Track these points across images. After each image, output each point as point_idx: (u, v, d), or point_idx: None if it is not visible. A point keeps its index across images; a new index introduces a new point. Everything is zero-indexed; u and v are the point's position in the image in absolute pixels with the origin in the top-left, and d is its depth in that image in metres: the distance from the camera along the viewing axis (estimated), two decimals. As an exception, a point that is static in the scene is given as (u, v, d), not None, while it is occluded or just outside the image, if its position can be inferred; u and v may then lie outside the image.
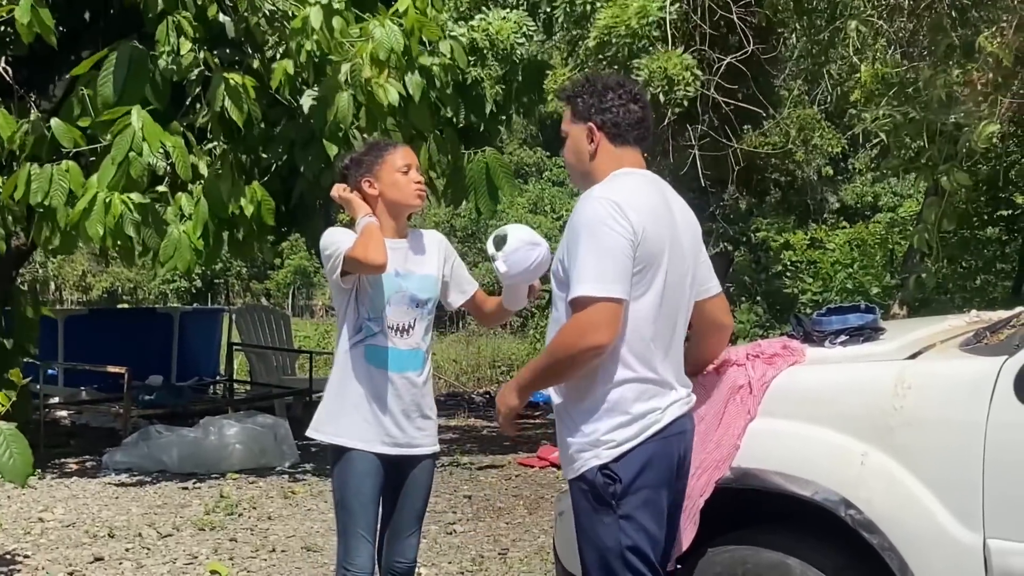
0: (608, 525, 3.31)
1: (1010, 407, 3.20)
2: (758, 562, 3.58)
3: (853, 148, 21.13)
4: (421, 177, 4.14)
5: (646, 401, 3.32)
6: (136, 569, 6.54)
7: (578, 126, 3.53)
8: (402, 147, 4.18)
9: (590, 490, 3.33)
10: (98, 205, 7.77)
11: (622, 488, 3.29)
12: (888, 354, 3.71)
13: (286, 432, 10.12)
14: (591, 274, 3.22)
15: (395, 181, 4.08)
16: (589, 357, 3.23)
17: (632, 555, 3.30)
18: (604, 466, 3.30)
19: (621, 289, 3.22)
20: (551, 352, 3.32)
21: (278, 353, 13.86)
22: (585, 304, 3.21)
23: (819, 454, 3.51)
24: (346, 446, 4.04)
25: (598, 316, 3.19)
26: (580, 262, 3.25)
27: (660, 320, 3.37)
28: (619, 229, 3.24)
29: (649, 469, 3.30)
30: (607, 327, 3.20)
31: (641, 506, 3.31)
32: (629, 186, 3.38)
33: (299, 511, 8.10)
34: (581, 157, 3.54)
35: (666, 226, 3.40)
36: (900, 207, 17.88)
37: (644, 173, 3.49)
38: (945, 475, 3.30)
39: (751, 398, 3.66)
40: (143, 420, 10.89)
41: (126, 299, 39.84)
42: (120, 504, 8.32)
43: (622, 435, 3.30)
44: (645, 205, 3.35)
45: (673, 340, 3.46)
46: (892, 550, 3.33)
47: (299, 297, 40.28)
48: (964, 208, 10.47)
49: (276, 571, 6.51)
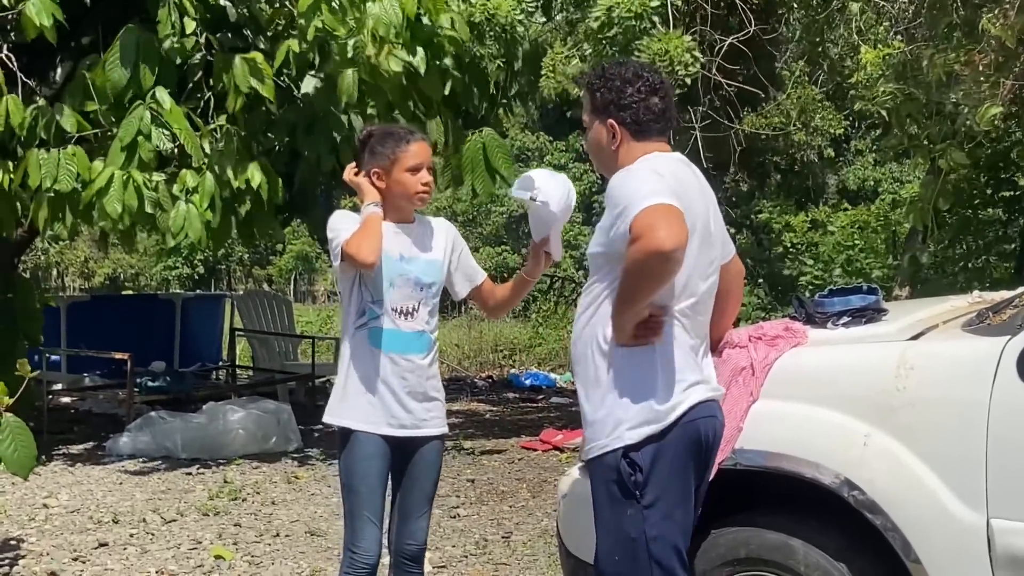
0: (632, 516, 3.28)
1: (1013, 387, 3.20)
2: (761, 543, 3.59)
3: (856, 129, 21.15)
4: (429, 178, 4.13)
5: (670, 385, 3.29)
6: (140, 554, 6.56)
7: (598, 121, 3.51)
8: (416, 143, 4.12)
9: (613, 478, 3.29)
10: (116, 183, 7.80)
11: (644, 476, 3.26)
12: (890, 335, 3.71)
13: (289, 417, 10.13)
14: (638, 197, 3.14)
15: (402, 180, 4.08)
16: (658, 264, 3.09)
17: (658, 546, 3.27)
18: (627, 451, 3.27)
19: (673, 200, 3.12)
20: (625, 272, 3.21)
21: (280, 338, 13.86)
22: (639, 218, 3.10)
23: (822, 435, 3.51)
24: (352, 428, 4.03)
25: (649, 218, 3.07)
26: (627, 199, 3.17)
27: (699, 294, 3.37)
28: (660, 180, 3.21)
29: (672, 454, 3.27)
30: (665, 226, 3.04)
31: (666, 493, 3.28)
32: (664, 163, 3.37)
33: (303, 496, 8.12)
34: (604, 151, 3.52)
35: (700, 199, 3.40)
36: (902, 190, 17.87)
37: (672, 155, 3.48)
38: (948, 455, 3.30)
39: (753, 380, 3.66)
40: (146, 406, 10.89)
41: (128, 285, 39.92)
42: (124, 490, 8.33)
43: (647, 417, 3.26)
44: (682, 177, 3.35)
45: (707, 318, 3.45)
46: (895, 530, 3.34)
47: (301, 283, 40.34)
48: (963, 188, 10.44)
49: (280, 556, 6.52)
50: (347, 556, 4.05)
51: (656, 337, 3.28)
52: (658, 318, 3.27)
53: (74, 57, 9.49)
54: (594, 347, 3.38)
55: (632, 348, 3.27)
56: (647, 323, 3.26)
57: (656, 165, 3.32)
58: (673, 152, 3.50)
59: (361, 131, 4.59)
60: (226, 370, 14.61)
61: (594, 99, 3.52)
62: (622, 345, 3.30)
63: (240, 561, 6.41)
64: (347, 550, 4.05)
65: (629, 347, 3.28)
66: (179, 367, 13.57)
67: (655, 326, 3.27)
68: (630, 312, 3.23)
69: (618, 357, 3.31)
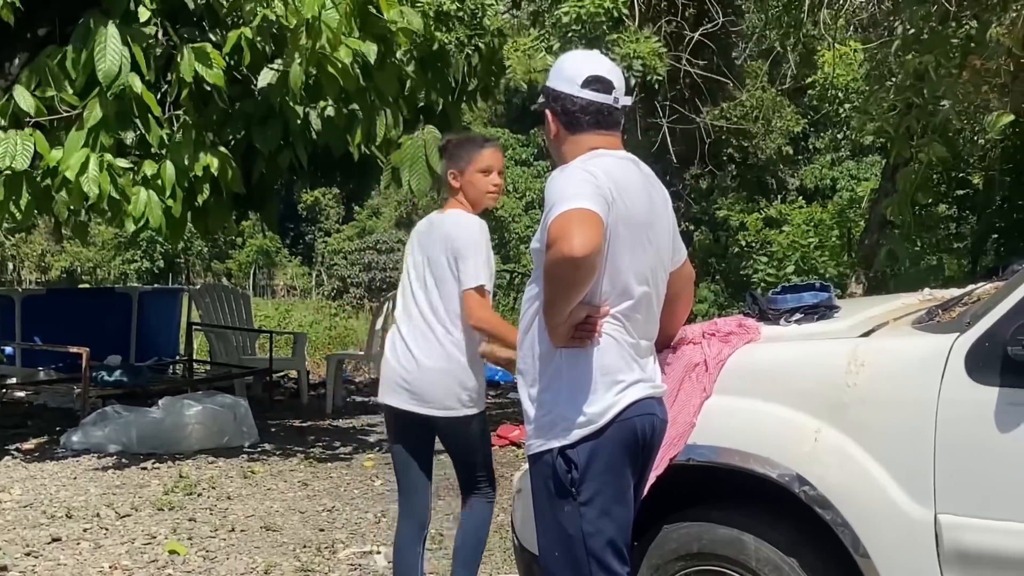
0: (569, 513, 3.29)
1: (961, 384, 3.23)
2: (713, 538, 3.61)
3: (814, 129, 21.29)
4: (500, 181, 4.60)
5: (607, 385, 3.29)
6: (94, 549, 6.51)
7: (547, 112, 3.51)
8: (490, 148, 4.62)
9: (550, 475, 3.31)
10: (93, 165, 7.77)
11: (580, 474, 3.27)
12: (842, 332, 3.75)
13: (246, 412, 10.08)
14: (560, 199, 3.13)
15: (474, 180, 4.55)
16: (568, 270, 3.08)
17: (595, 542, 3.29)
18: (563, 449, 3.28)
19: (593, 204, 3.11)
20: (544, 277, 3.22)
21: (238, 333, 13.78)
22: (555, 222, 3.10)
23: (773, 431, 3.54)
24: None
25: (564, 224, 3.06)
26: (552, 200, 3.17)
27: (636, 296, 3.35)
28: (593, 180, 3.20)
29: (609, 452, 3.28)
30: (579, 233, 3.03)
31: (602, 490, 3.29)
32: (603, 164, 3.32)
33: (258, 491, 8.08)
34: (550, 144, 3.55)
35: (644, 201, 3.38)
36: (858, 187, 18.01)
37: (617, 152, 3.44)
38: (897, 451, 3.33)
39: (707, 376, 3.67)
40: (101, 400, 10.80)
41: (86, 279, 39.53)
42: (78, 484, 8.27)
43: (583, 417, 3.27)
44: (621, 178, 3.32)
45: (648, 319, 3.45)
46: (845, 526, 3.37)
47: (261, 277, 40.14)
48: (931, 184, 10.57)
49: (235, 551, 6.49)
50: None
51: (592, 339, 3.29)
52: (594, 319, 3.28)
53: (30, 48, 9.40)
54: (533, 347, 3.39)
55: (570, 349, 3.29)
56: (583, 325, 3.27)
57: (593, 164, 3.30)
58: (620, 151, 3.47)
59: (444, 138, 5.17)
60: (183, 364, 14.53)
61: (544, 89, 3.54)
62: (559, 346, 3.31)
63: (195, 556, 6.37)
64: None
65: (566, 348, 3.30)
66: (135, 361, 13.46)
67: (590, 328, 3.28)
68: (557, 316, 3.23)
69: (556, 358, 3.32)
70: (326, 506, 7.60)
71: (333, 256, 35.36)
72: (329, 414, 12.02)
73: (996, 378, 3.18)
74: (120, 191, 7.99)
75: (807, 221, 15.90)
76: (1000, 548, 3.17)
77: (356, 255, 27.79)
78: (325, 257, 37.85)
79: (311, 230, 42.79)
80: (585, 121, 3.43)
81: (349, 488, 8.19)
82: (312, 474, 8.69)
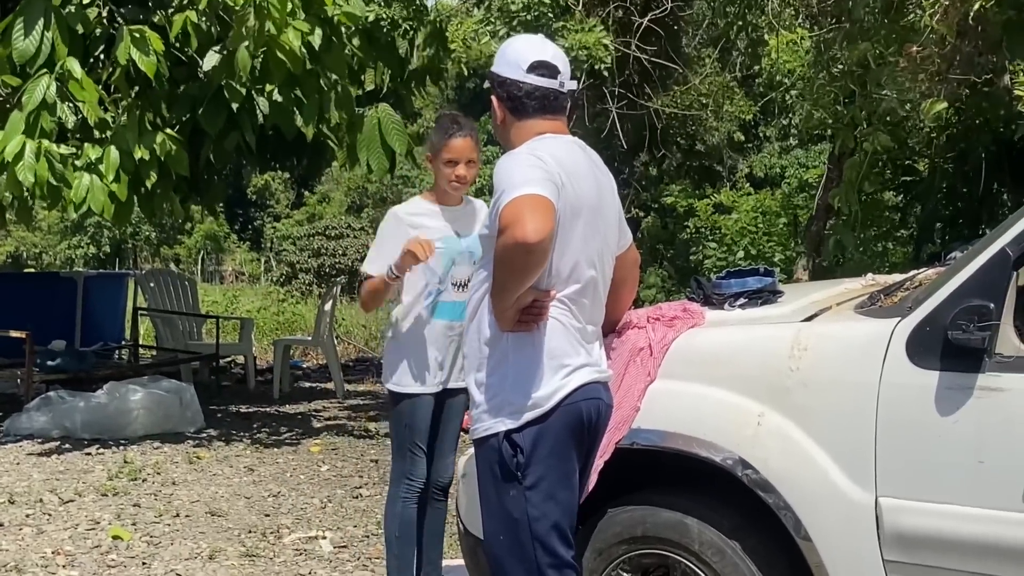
0: (514, 497, 3.31)
1: (902, 368, 3.26)
2: (657, 522, 3.62)
3: (763, 116, 21.38)
4: (465, 172, 4.67)
5: (553, 369, 3.31)
6: (37, 535, 6.44)
7: (492, 97, 3.52)
8: (459, 138, 4.65)
9: (496, 460, 3.32)
10: (29, 152, 7.65)
11: (526, 458, 3.29)
12: (785, 316, 3.77)
13: (192, 397, 10.00)
14: (510, 185, 3.15)
15: (440, 169, 4.69)
16: (520, 256, 3.10)
17: (540, 525, 3.31)
18: (508, 433, 3.30)
19: (544, 190, 3.13)
20: (494, 262, 3.24)
21: (184, 318, 13.66)
22: (507, 208, 3.12)
23: (717, 415, 3.55)
24: (413, 392, 4.74)
25: (516, 210, 3.08)
26: (502, 186, 3.18)
27: (583, 281, 3.37)
28: (542, 165, 3.22)
29: (554, 437, 3.30)
30: (531, 219, 3.06)
31: (548, 474, 3.31)
32: (549, 147, 3.34)
33: (204, 476, 8.03)
34: (497, 129, 3.55)
35: (591, 185, 3.41)
36: (806, 174, 18.12)
37: (563, 137, 3.47)
38: (839, 435, 3.36)
39: (651, 360, 3.68)
40: (45, 385, 10.68)
41: (32, 264, 39.07)
42: (21, 470, 8.17)
43: (529, 401, 3.29)
44: (569, 163, 3.33)
45: (595, 304, 3.46)
46: (787, 509, 3.39)
47: (209, 262, 39.79)
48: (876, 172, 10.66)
49: (180, 536, 6.45)
50: (403, 484, 4.80)
51: (538, 323, 3.30)
52: (541, 303, 3.29)
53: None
54: (480, 332, 3.41)
55: (516, 333, 3.29)
56: (529, 309, 3.28)
57: (540, 149, 3.31)
58: (566, 135, 3.49)
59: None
60: (129, 349, 14.39)
61: (489, 75, 3.54)
62: (505, 330, 3.31)
63: (139, 541, 6.33)
64: (403, 479, 4.81)
65: (513, 332, 3.29)
66: (80, 346, 13.30)
67: (537, 312, 3.29)
68: (505, 300, 3.24)
69: (502, 342, 3.33)
70: (272, 491, 7.56)
71: (282, 242, 35.10)
72: (276, 399, 11.96)
73: (937, 362, 3.21)
74: (59, 176, 7.87)
75: (755, 208, 15.98)
76: (940, 531, 3.20)
77: (305, 241, 27.61)
78: (274, 243, 37.57)
79: (260, 215, 42.47)
80: (531, 106, 3.45)
81: (295, 473, 8.15)
82: (258, 459, 8.64)
